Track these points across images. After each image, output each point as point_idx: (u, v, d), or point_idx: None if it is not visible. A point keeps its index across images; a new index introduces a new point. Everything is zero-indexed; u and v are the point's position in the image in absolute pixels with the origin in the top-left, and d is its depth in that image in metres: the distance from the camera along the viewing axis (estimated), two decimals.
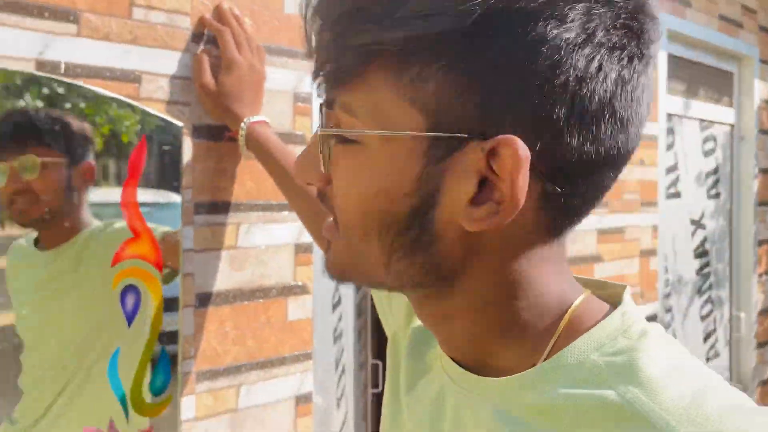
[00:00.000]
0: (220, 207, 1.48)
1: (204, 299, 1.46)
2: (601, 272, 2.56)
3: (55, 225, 1.27)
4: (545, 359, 0.49)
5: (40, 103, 1.20)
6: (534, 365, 0.49)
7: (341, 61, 0.44)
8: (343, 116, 0.46)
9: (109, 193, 1.31)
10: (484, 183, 0.46)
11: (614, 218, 2.60)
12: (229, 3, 1.44)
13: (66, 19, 1.25)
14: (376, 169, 0.46)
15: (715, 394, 0.43)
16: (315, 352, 1.68)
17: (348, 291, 1.93)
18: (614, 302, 0.53)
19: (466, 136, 0.43)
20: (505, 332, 0.51)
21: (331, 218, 0.52)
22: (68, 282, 1.30)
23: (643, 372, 0.44)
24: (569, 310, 0.50)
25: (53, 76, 1.22)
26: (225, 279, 1.49)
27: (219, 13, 1.41)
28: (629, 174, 2.65)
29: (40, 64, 1.22)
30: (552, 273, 0.51)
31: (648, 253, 2.79)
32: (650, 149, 2.75)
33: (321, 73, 0.46)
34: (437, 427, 0.56)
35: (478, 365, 0.53)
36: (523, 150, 0.43)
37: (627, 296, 0.53)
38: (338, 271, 0.53)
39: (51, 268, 1.28)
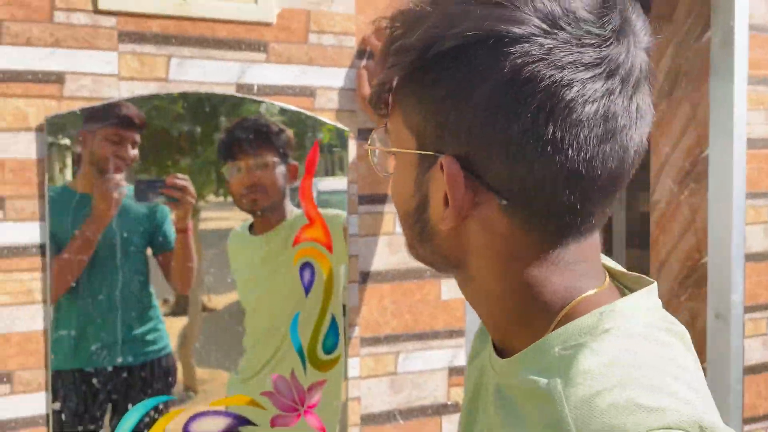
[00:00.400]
0: (379, 199, 1.72)
1: (366, 277, 1.71)
2: None
3: (270, 214, 1.60)
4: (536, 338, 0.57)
5: (247, 117, 1.54)
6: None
7: (386, 97, 0.60)
8: (387, 137, 0.62)
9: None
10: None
11: None
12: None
13: (257, 49, 1.57)
14: (397, 176, 0.62)
15: (620, 392, 0.48)
16: (468, 331, 1.86)
17: None
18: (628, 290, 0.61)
19: (433, 154, 0.55)
20: (514, 322, 0.59)
21: None
22: (276, 261, 1.62)
23: (576, 367, 0.51)
24: (566, 307, 0.56)
25: (248, 96, 1.55)
26: (384, 260, 1.73)
27: (377, 31, 1.64)
28: None
29: (239, 87, 1.56)
30: (558, 273, 0.56)
31: None
32: None
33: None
34: (476, 395, 0.68)
35: (503, 346, 0.62)
36: (451, 168, 0.53)
37: (636, 294, 0.57)
38: (415, 256, 0.67)
39: (264, 251, 1.61)
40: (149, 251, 1.51)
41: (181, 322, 1.56)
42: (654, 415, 0.46)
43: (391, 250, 1.74)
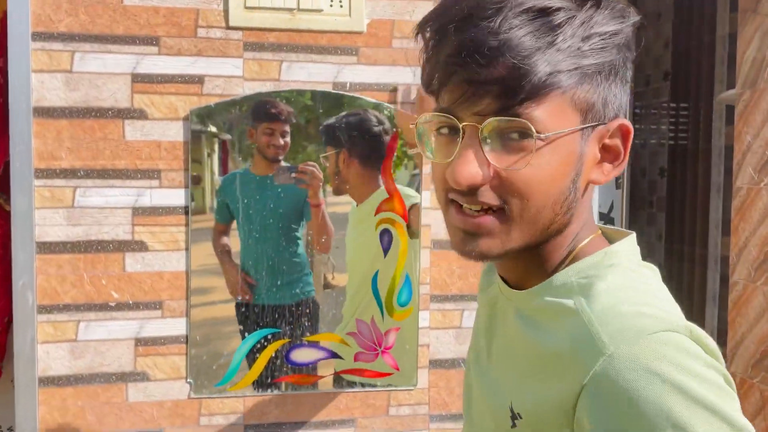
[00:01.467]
0: None
1: (437, 244, 2.03)
2: None
3: (361, 189, 1.98)
4: (549, 275, 0.68)
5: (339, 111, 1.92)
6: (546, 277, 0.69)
7: (534, 84, 0.58)
8: (531, 122, 0.59)
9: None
10: (602, 150, 0.65)
11: None
12: None
13: (350, 53, 1.93)
14: (557, 157, 0.61)
15: (629, 306, 0.59)
16: None
17: None
18: (617, 238, 0.71)
19: (598, 123, 0.63)
20: (544, 259, 0.69)
21: (484, 212, 0.63)
22: (363, 226, 1.99)
23: (594, 289, 0.63)
24: (576, 249, 0.68)
25: (341, 92, 1.92)
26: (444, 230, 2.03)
27: None
28: None
29: (335, 85, 1.93)
30: (576, 219, 0.68)
31: None
32: None
33: (499, 92, 0.58)
34: (492, 319, 0.78)
35: (518, 284, 0.72)
36: (630, 126, 0.66)
37: (624, 240, 0.69)
38: (499, 252, 0.65)
39: (359, 216, 1.99)
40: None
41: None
42: (655, 320, 0.58)
43: None
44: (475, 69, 0.58)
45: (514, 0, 0.58)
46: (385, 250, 1.98)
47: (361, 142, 1.93)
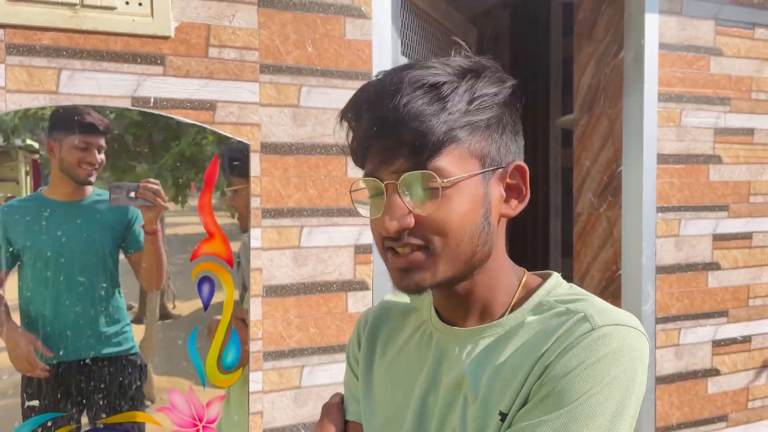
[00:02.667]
0: (283, 212, 1.72)
1: (271, 290, 1.71)
2: (717, 281, 2.39)
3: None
4: (512, 308, 0.79)
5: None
6: (503, 314, 0.79)
7: (434, 141, 0.71)
8: (436, 172, 0.72)
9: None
10: (506, 189, 0.78)
11: (737, 223, 2.43)
12: (293, 32, 1.69)
13: (155, 62, 1.56)
14: (465, 198, 0.74)
15: (595, 305, 0.75)
16: None
17: None
18: (543, 276, 0.83)
19: (496, 167, 0.76)
20: (493, 293, 0.80)
21: (414, 250, 0.74)
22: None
23: (574, 299, 0.76)
24: (522, 282, 0.82)
25: (144, 109, 1.55)
26: (289, 274, 1.73)
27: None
28: (758, 175, 2.46)
29: (135, 100, 1.55)
30: (496, 250, 0.79)
31: None
32: None
33: (408, 153, 0.71)
34: (437, 364, 0.82)
35: (470, 323, 0.81)
36: (524, 168, 0.78)
37: (554, 273, 0.83)
38: (428, 284, 0.75)
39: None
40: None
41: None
42: (626, 316, 0.73)
43: (296, 264, 1.74)
44: (387, 138, 0.71)
45: (408, 81, 0.72)
46: (206, 304, 1.62)
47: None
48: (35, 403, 1.49)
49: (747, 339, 2.48)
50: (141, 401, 1.58)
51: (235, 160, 1.64)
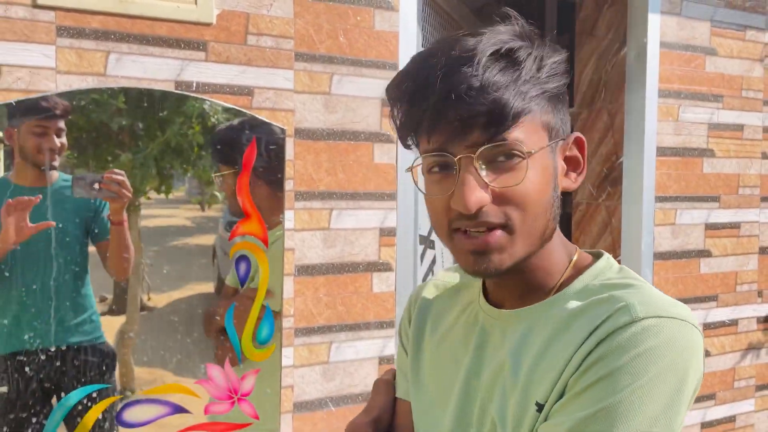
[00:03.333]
0: (315, 195, 1.80)
1: (302, 269, 1.79)
2: (708, 268, 2.55)
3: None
4: (558, 290, 0.75)
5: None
6: (547, 295, 0.75)
7: (513, 112, 0.68)
8: (517, 144, 0.69)
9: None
10: (565, 161, 0.76)
11: (726, 213, 2.59)
12: (326, 23, 1.76)
13: (197, 48, 1.62)
14: (541, 169, 0.71)
15: (656, 291, 0.72)
16: (397, 323, 1.95)
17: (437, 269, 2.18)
18: (598, 254, 0.80)
19: (560, 138, 0.75)
20: (545, 273, 0.76)
21: (493, 228, 0.70)
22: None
23: (621, 285, 0.72)
24: (573, 261, 0.78)
25: (186, 93, 1.60)
26: (319, 254, 1.80)
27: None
28: (746, 168, 2.61)
29: (178, 84, 1.60)
30: (556, 225, 0.77)
31: None
32: None
33: (484, 124, 0.68)
34: (482, 346, 0.79)
35: (515, 304, 0.77)
36: (583, 137, 0.78)
37: (605, 253, 0.80)
38: (511, 264, 0.72)
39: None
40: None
41: (119, 320, 1.60)
42: (673, 306, 0.69)
43: (326, 245, 1.82)
44: (462, 108, 0.67)
45: (481, 48, 0.68)
46: (242, 281, 1.69)
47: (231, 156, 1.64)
48: (4, 389, 1.48)
49: (734, 322, 2.63)
50: (113, 390, 1.56)
51: (271, 144, 1.71)
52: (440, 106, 0.68)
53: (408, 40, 1.91)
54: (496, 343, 0.76)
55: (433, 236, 2.32)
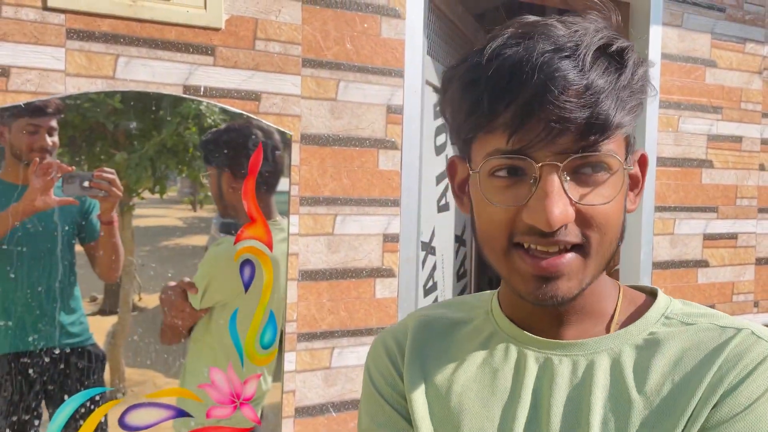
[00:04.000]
0: (319, 201, 1.80)
1: (306, 275, 1.79)
2: (705, 278, 2.58)
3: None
4: (626, 322, 0.67)
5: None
6: (609, 325, 0.67)
7: (613, 121, 0.59)
8: (609, 158, 0.60)
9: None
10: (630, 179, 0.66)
11: (724, 224, 2.62)
12: (333, 29, 1.77)
13: (205, 52, 1.62)
14: (622, 189, 0.63)
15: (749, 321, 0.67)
16: None
17: (439, 275, 2.19)
18: (639, 289, 0.73)
19: (630, 155, 0.65)
20: (595, 304, 0.68)
21: (565, 250, 0.61)
22: (224, 257, 1.68)
23: (705, 313, 0.67)
24: (621, 294, 0.69)
25: (194, 97, 1.61)
26: (323, 259, 1.81)
27: None
28: (744, 179, 2.65)
29: (186, 88, 1.61)
30: None
31: (766, 262, 2.73)
32: None
33: (580, 131, 0.59)
34: (511, 382, 0.67)
35: (574, 332, 0.68)
36: (647, 155, 0.69)
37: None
38: (580, 290, 0.63)
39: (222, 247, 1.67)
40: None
41: (110, 320, 1.59)
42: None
43: (330, 250, 1.82)
44: (565, 108, 0.57)
45: (587, 40, 0.59)
46: (246, 285, 1.69)
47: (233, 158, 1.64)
48: None
49: None
50: (108, 393, 1.56)
51: (278, 149, 1.72)
52: (534, 101, 0.57)
53: (414, 47, 1.92)
54: (563, 377, 0.65)
55: (435, 243, 2.33)
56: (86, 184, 1.45)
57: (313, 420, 1.82)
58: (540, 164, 0.59)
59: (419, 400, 0.70)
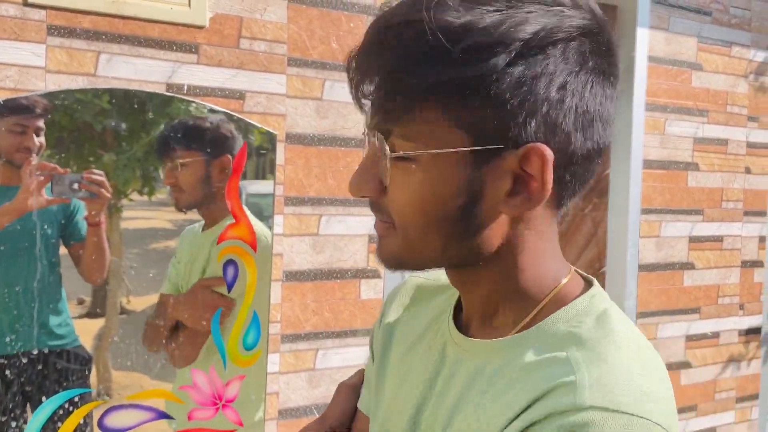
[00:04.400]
0: (304, 201, 1.79)
1: (290, 275, 1.78)
2: (691, 280, 2.58)
3: (207, 210, 1.63)
4: (523, 327, 0.60)
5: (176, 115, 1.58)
6: (518, 330, 0.60)
7: (401, 101, 0.54)
8: (399, 142, 0.56)
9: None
10: (517, 179, 0.56)
11: (710, 226, 2.62)
12: (320, 29, 1.76)
13: (189, 50, 1.61)
14: (429, 179, 0.56)
15: (629, 365, 0.55)
16: None
17: None
18: (589, 280, 0.65)
19: (502, 147, 0.55)
20: (506, 299, 0.62)
21: (382, 221, 0.61)
22: (208, 254, 1.66)
23: (588, 340, 0.57)
24: (557, 288, 0.61)
25: (177, 95, 1.59)
26: (307, 260, 1.80)
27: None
28: (730, 182, 2.66)
29: (170, 87, 1.59)
30: (550, 250, 0.62)
31: (752, 264, 2.76)
32: (761, 158, 2.73)
33: (379, 111, 0.56)
34: (436, 373, 0.67)
35: (478, 329, 0.64)
36: (549, 153, 0.55)
37: (594, 285, 0.64)
38: (395, 261, 0.62)
39: (198, 243, 1.64)
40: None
41: (98, 323, 1.57)
42: (640, 393, 0.53)
43: (314, 250, 1.81)
44: (369, 69, 0.56)
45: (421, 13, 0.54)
46: (230, 285, 1.67)
47: (192, 155, 1.61)
48: None
49: (716, 335, 2.67)
50: (92, 395, 1.53)
51: (262, 149, 1.70)
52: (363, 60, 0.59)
53: None
54: (447, 372, 0.65)
55: None
56: (75, 185, 1.43)
57: (297, 422, 1.80)
58: (363, 131, 0.62)
59: (376, 357, 0.75)
